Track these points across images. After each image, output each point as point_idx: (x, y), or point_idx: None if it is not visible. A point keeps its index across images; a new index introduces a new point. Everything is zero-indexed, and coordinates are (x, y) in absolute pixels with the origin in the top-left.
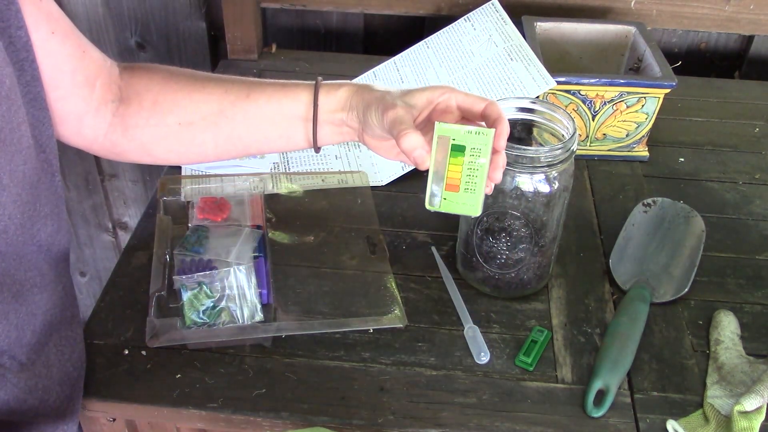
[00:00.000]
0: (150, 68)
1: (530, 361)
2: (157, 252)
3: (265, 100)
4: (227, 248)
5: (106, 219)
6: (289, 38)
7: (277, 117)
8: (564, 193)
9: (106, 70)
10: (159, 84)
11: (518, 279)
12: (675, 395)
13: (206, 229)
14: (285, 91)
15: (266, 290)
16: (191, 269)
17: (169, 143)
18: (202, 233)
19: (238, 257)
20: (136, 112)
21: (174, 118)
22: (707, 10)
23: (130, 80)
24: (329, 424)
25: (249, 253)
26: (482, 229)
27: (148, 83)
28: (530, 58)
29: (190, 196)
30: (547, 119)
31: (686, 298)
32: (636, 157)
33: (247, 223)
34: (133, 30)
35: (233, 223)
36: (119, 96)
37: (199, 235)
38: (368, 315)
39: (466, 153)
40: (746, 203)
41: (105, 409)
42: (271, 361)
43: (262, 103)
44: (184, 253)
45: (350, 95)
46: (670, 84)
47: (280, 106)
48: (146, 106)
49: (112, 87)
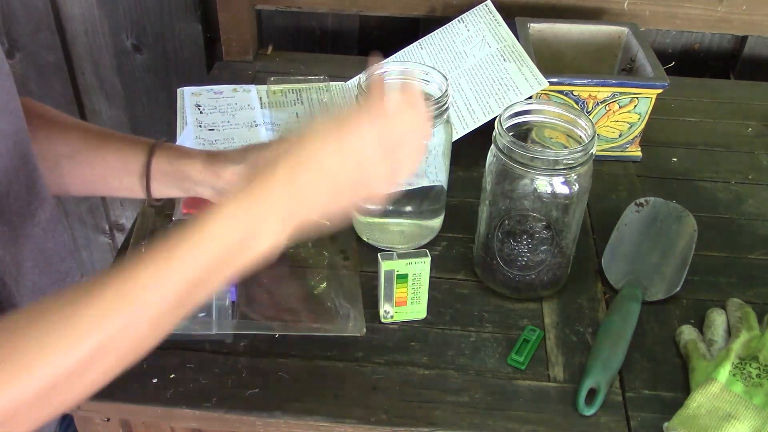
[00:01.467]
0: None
1: (522, 360)
2: (133, 243)
3: (112, 157)
4: None
5: (102, 221)
6: (284, 40)
7: (122, 173)
8: (584, 195)
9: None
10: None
11: (538, 280)
12: (666, 394)
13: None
14: (131, 149)
15: (234, 288)
16: None
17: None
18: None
19: None
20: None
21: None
22: (700, 10)
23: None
24: (322, 423)
25: None
26: (503, 232)
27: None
28: (523, 58)
29: None
30: (566, 122)
31: (678, 297)
32: (629, 157)
33: None
34: (128, 32)
35: None
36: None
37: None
38: (331, 321)
39: (409, 279)
40: (739, 203)
41: (99, 409)
42: (264, 361)
43: (108, 158)
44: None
45: (201, 167)
46: (662, 84)
47: (125, 164)
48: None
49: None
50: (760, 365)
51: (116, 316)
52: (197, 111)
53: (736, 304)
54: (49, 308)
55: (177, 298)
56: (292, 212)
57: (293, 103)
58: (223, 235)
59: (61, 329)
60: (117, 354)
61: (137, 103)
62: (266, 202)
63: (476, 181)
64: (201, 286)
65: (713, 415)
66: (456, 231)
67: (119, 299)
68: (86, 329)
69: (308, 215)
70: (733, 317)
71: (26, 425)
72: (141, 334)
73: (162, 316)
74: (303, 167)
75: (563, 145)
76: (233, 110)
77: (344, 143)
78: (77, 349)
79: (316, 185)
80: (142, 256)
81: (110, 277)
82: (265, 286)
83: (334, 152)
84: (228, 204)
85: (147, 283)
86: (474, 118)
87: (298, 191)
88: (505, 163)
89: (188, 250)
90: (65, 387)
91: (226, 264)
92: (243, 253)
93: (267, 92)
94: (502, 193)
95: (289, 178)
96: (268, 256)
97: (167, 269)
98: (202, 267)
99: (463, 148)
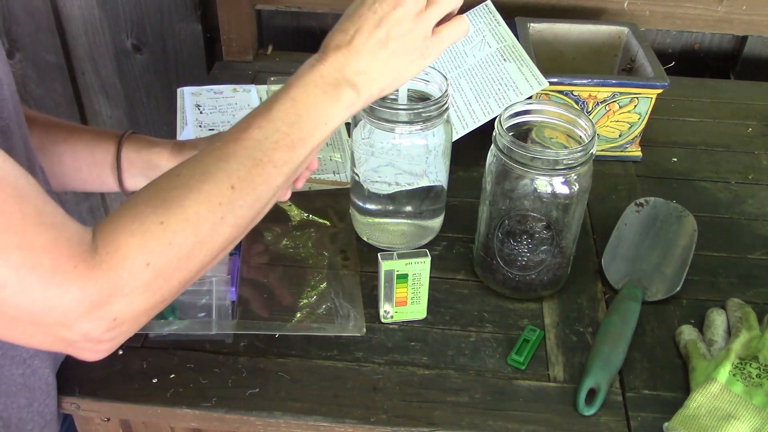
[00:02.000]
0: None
1: (522, 360)
2: None
3: (82, 149)
4: None
5: None
6: (284, 40)
7: (91, 165)
8: (584, 195)
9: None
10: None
11: (538, 280)
12: (666, 394)
13: None
14: (99, 141)
15: (235, 287)
16: None
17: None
18: None
19: None
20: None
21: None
22: (700, 10)
23: None
24: (322, 423)
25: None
26: (503, 232)
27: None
28: (523, 58)
29: None
30: (566, 122)
31: (678, 297)
32: (629, 157)
33: None
34: (128, 32)
35: None
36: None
37: None
38: (331, 321)
39: (409, 279)
40: (739, 203)
41: (99, 408)
42: (264, 361)
43: (78, 150)
44: None
45: (169, 156)
46: (662, 84)
47: (93, 156)
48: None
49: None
50: (760, 365)
51: (240, 162)
52: (197, 111)
53: (736, 304)
54: (180, 172)
55: (284, 141)
56: (358, 73)
57: None
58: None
59: (203, 178)
60: (246, 200)
61: (137, 103)
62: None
63: (476, 181)
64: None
65: (713, 415)
66: (456, 231)
67: (238, 144)
68: (219, 176)
69: (374, 76)
70: (733, 317)
71: (174, 284)
72: (267, 176)
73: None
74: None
75: (563, 145)
76: (233, 110)
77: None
78: (215, 193)
79: (375, 42)
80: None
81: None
82: (266, 286)
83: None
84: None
85: (258, 123)
86: (474, 118)
87: (361, 53)
88: (505, 163)
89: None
90: (208, 237)
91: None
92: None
93: (267, 92)
94: (502, 193)
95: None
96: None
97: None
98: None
99: (463, 148)
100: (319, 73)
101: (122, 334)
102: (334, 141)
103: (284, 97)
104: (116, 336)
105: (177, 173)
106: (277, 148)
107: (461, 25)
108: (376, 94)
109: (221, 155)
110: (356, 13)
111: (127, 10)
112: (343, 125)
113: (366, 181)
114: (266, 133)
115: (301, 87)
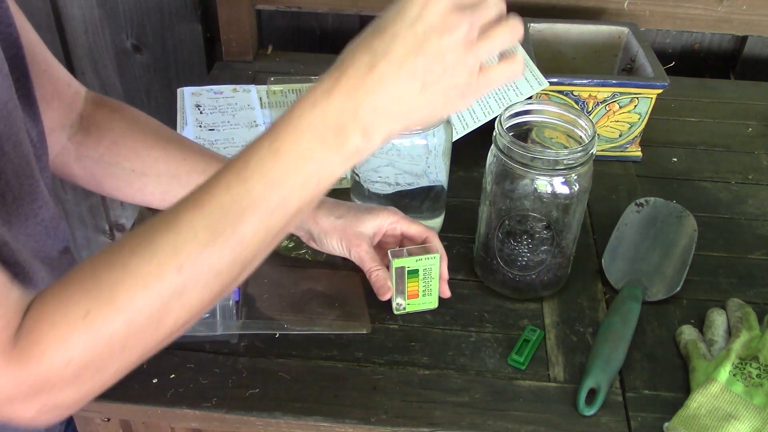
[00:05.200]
0: (118, 108)
1: (522, 360)
2: None
3: (199, 175)
4: None
5: (102, 221)
6: (284, 40)
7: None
8: (584, 195)
9: (68, 95)
10: (122, 127)
11: (539, 280)
12: (667, 394)
13: None
14: (211, 167)
15: (238, 288)
16: None
17: (118, 183)
18: None
19: None
20: (94, 146)
21: (129, 164)
22: (700, 10)
23: (95, 113)
24: (322, 423)
25: None
26: (503, 232)
27: (111, 123)
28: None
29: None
30: (566, 122)
31: (678, 297)
32: (629, 157)
33: None
34: (128, 32)
35: None
36: (79, 123)
37: None
38: (334, 319)
39: (420, 274)
40: (739, 203)
41: (100, 409)
42: (264, 361)
43: (193, 179)
44: None
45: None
46: (663, 84)
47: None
48: (104, 144)
49: (70, 112)
50: (761, 365)
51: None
52: (197, 111)
53: (737, 304)
54: (125, 243)
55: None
56: (376, 110)
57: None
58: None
59: (146, 258)
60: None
61: (137, 103)
62: (350, 99)
63: (476, 181)
64: (283, 205)
65: (713, 415)
66: (456, 231)
67: (196, 210)
68: (164, 254)
69: (395, 115)
70: (733, 317)
71: (112, 371)
72: (229, 252)
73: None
74: (380, 58)
75: (563, 146)
76: (233, 110)
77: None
78: (155, 275)
79: (398, 78)
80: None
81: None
82: (268, 286)
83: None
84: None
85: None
86: (474, 118)
87: (379, 87)
88: (505, 163)
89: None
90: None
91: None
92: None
93: (267, 92)
94: (502, 193)
95: (367, 72)
96: (360, 157)
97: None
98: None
99: (463, 148)
100: (322, 114)
101: (60, 416)
102: None
103: (266, 146)
104: (55, 417)
105: (122, 245)
106: (246, 217)
107: (516, 66)
108: (390, 138)
109: (173, 224)
110: (389, 28)
111: (127, 10)
112: None
113: (366, 181)
114: (235, 196)
115: (292, 134)
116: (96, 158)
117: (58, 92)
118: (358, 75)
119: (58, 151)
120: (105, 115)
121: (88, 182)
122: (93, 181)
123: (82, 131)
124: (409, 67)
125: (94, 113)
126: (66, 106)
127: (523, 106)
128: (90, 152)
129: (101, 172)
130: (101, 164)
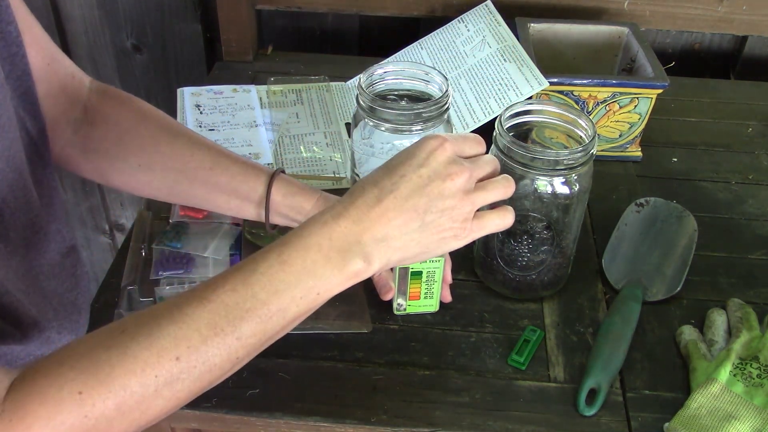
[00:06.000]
0: (125, 100)
1: (523, 360)
2: (133, 246)
3: (226, 181)
4: (205, 243)
5: (103, 221)
6: (284, 40)
7: (232, 196)
8: (584, 195)
9: (72, 87)
10: (130, 122)
11: (539, 280)
12: (667, 394)
13: (186, 225)
14: (245, 176)
15: None
16: (169, 263)
17: (124, 177)
18: (181, 229)
19: (215, 252)
20: (100, 139)
21: (136, 159)
22: (700, 10)
23: (102, 105)
24: (322, 423)
25: (226, 249)
26: (503, 232)
27: (119, 117)
28: (524, 59)
29: None
30: (566, 122)
31: (678, 298)
32: (629, 157)
33: (228, 220)
34: (128, 32)
35: (214, 220)
36: (85, 116)
37: (177, 230)
38: (335, 319)
39: (423, 276)
40: (739, 203)
41: None
42: (265, 361)
43: (221, 181)
44: (162, 247)
45: (314, 202)
46: (663, 84)
47: (236, 189)
48: (111, 138)
49: (75, 104)
50: (761, 365)
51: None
52: (197, 111)
53: (737, 304)
54: (126, 327)
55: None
56: (378, 239)
57: (293, 103)
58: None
59: (143, 348)
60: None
61: None
62: (354, 227)
63: None
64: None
65: (714, 416)
66: None
67: (201, 305)
68: (164, 343)
69: (394, 247)
70: (733, 317)
71: None
72: (225, 349)
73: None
74: (385, 198)
75: (563, 146)
76: (233, 110)
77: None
78: (153, 363)
79: (401, 222)
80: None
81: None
82: None
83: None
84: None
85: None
86: (474, 118)
87: (381, 227)
88: (505, 163)
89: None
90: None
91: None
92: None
93: (267, 92)
94: None
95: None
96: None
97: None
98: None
99: None
100: (329, 235)
101: None
102: (334, 141)
103: (275, 258)
104: None
105: (122, 328)
106: (247, 319)
107: (507, 217)
108: (388, 267)
109: (176, 315)
110: (398, 170)
111: (127, 10)
112: (343, 125)
113: None
114: (239, 299)
115: (301, 250)
116: (102, 153)
117: (63, 85)
118: (365, 206)
119: (64, 145)
120: (111, 108)
121: (93, 176)
122: (99, 174)
123: (88, 124)
124: (412, 205)
125: (99, 104)
126: (70, 99)
127: (523, 106)
128: (96, 147)
129: (108, 166)
130: (108, 159)
